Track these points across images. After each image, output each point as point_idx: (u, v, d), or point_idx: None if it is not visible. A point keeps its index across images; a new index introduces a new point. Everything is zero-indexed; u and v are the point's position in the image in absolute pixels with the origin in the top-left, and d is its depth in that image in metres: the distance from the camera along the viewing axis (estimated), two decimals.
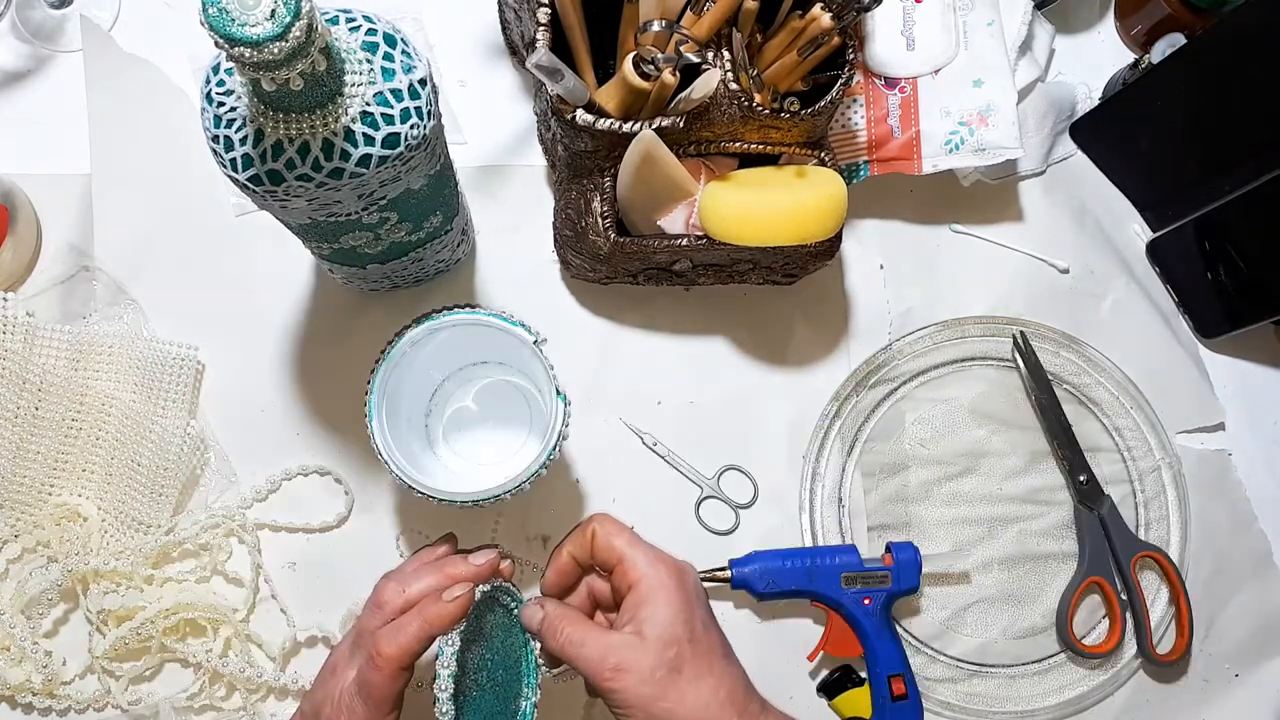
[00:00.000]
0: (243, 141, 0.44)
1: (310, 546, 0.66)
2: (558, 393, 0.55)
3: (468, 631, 0.49)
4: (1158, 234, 0.73)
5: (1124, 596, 0.67)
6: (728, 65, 0.58)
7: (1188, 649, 0.67)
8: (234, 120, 0.44)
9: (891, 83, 0.66)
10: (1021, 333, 0.70)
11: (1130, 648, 0.67)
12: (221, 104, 0.45)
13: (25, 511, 0.62)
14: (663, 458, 0.68)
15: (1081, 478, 0.68)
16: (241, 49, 0.37)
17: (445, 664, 0.48)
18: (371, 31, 0.45)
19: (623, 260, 0.63)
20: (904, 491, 0.69)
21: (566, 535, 0.55)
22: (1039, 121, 0.71)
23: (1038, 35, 0.71)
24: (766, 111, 0.58)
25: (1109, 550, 0.67)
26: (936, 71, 0.66)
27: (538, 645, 0.55)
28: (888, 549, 0.65)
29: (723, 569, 0.64)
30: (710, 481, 0.68)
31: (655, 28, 0.56)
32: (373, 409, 0.55)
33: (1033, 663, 0.67)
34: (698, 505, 0.68)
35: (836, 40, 0.58)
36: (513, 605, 0.55)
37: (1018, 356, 0.69)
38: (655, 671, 0.47)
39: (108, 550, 0.62)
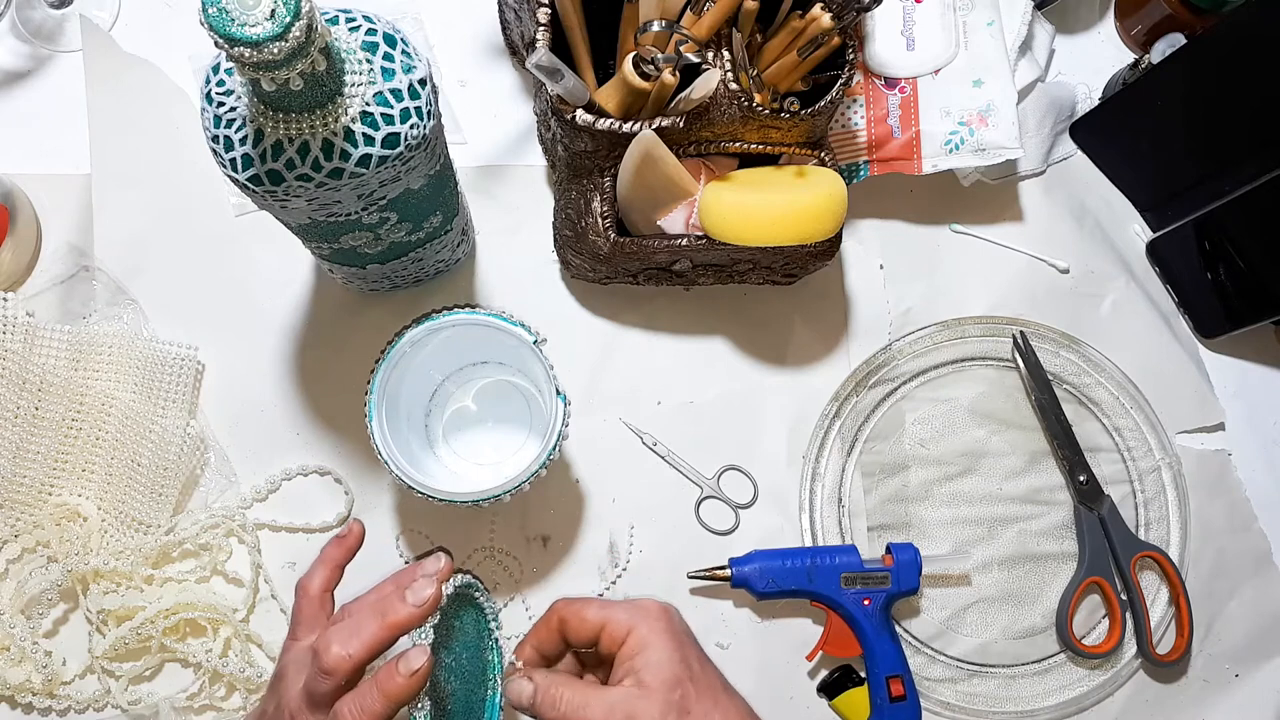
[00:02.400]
0: (243, 141, 0.44)
1: (310, 546, 0.66)
2: (558, 393, 0.55)
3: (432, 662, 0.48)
4: (1158, 234, 0.73)
5: (1124, 596, 0.67)
6: (728, 65, 0.58)
7: (1188, 649, 0.67)
8: (234, 120, 0.44)
9: (891, 83, 0.66)
10: (1021, 333, 0.70)
11: (1130, 648, 0.67)
12: (221, 104, 0.45)
13: (25, 511, 0.62)
14: (663, 458, 0.68)
15: (1081, 478, 0.68)
16: (241, 49, 0.37)
17: None
18: (371, 31, 0.45)
19: (623, 260, 0.63)
20: (904, 491, 0.69)
21: (529, 632, 0.53)
22: (1039, 121, 0.71)
23: (1038, 35, 0.71)
24: (766, 111, 0.58)
25: (1109, 550, 0.67)
26: (936, 71, 0.66)
27: (498, 633, 0.55)
28: (888, 550, 0.65)
29: (722, 568, 0.64)
30: (710, 481, 0.68)
31: (655, 28, 0.56)
32: (373, 409, 0.55)
33: (1033, 663, 0.67)
34: (698, 505, 0.68)
35: (836, 40, 0.58)
36: (476, 595, 0.55)
37: (1018, 356, 0.69)
38: (665, 716, 0.46)
39: (108, 550, 0.62)
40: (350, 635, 0.47)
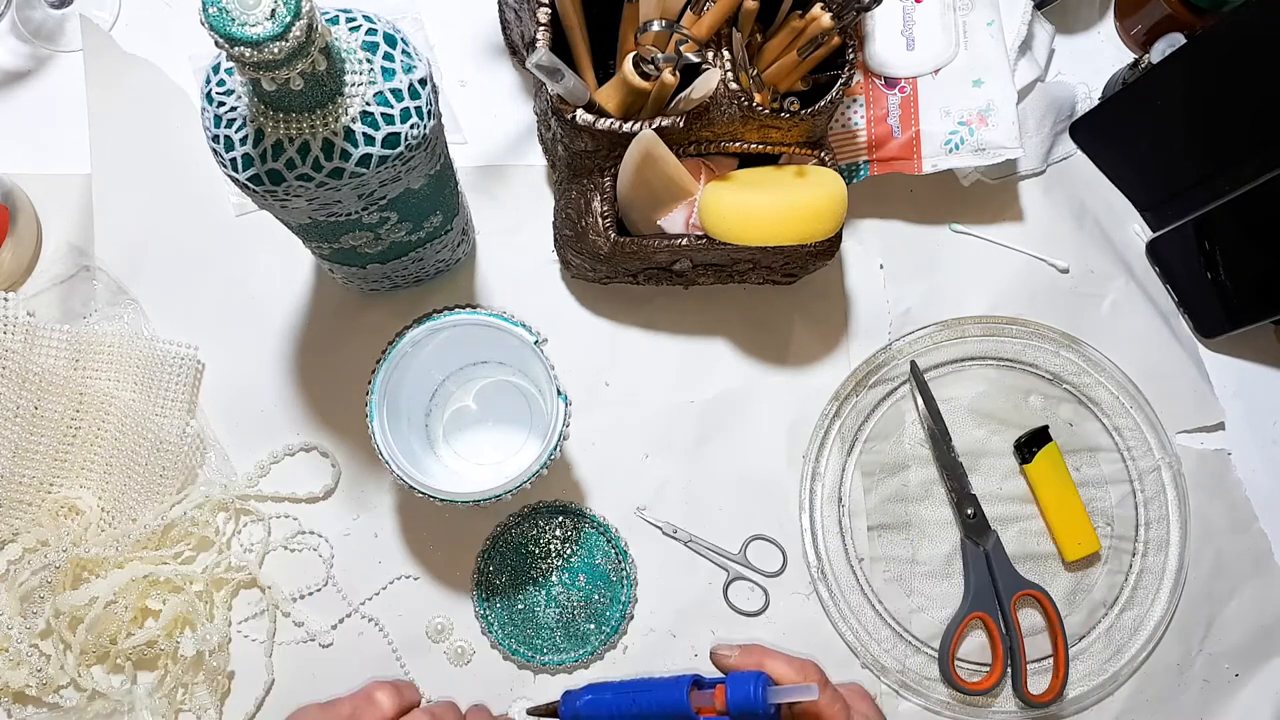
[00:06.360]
0: (243, 141, 0.44)
1: (304, 514, 0.66)
2: (558, 392, 0.55)
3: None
4: (1158, 234, 0.73)
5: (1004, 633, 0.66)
6: (728, 65, 0.58)
7: (1061, 691, 0.65)
8: (234, 120, 0.45)
9: (891, 83, 0.66)
10: (913, 362, 0.69)
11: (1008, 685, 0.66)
12: (221, 104, 0.45)
13: (26, 511, 0.62)
14: (684, 543, 0.67)
15: (969, 511, 0.67)
16: (241, 49, 0.37)
17: None
18: (371, 31, 0.45)
19: (623, 260, 0.63)
20: (904, 491, 0.69)
21: None
22: (1039, 121, 0.71)
23: (1038, 35, 0.71)
24: (766, 111, 0.58)
25: (992, 587, 0.66)
26: (936, 71, 0.66)
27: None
28: (720, 682, 0.55)
29: (554, 702, 0.59)
30: (736, 556, 0.67)
31: (655, 27, 0.56)
32: (373, 409, 0.55)
33: (1033, 662, 0.67)
34: (725, 588, 0.67)
35: (836, 40, 0.58)
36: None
37: (913, 383, 0.68)
38: None
39: (103, 541, 0.61)
40: None
